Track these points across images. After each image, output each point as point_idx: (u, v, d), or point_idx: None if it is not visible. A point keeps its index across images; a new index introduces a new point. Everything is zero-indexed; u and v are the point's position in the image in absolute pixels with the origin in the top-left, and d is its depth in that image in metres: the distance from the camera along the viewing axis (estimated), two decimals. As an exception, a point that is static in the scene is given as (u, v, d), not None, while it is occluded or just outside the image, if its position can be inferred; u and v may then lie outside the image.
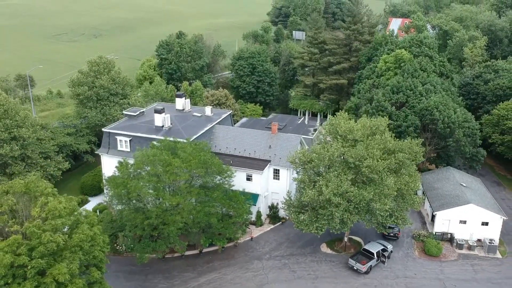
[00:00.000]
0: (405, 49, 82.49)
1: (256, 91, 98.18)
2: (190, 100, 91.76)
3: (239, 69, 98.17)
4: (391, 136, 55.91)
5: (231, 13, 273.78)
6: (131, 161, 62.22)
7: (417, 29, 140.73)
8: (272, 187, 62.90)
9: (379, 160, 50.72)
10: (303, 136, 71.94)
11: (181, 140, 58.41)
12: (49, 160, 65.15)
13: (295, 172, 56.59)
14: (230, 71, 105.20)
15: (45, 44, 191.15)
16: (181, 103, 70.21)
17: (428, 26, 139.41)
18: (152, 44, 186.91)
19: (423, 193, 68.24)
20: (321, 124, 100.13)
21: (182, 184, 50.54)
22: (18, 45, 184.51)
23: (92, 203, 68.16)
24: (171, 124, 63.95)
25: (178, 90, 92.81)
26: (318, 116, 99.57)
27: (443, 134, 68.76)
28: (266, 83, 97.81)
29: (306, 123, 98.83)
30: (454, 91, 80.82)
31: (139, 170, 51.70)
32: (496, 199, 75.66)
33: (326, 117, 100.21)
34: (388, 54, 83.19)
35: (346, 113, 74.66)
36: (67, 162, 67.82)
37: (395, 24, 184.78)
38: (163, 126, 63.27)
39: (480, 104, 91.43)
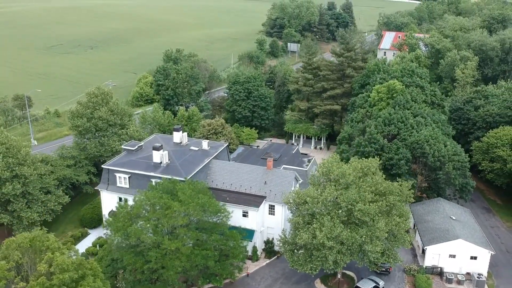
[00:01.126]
0: (397, 79, 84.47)
1: (251, 115, 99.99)
2: (187, 125, 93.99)
3: (235, 93, 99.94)
4: (382, 175, 57.99)
5: (226, 23, 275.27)
6: (130, 198, 64.26)
7: (410, 47, 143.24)
8: (267, 222, 64.74)
9: (370, 203, 52.68)
10: (297, 167, 74.09)
11: (179, 178, 60.29)
12: (49, 195, 66.63)
13: (289, 211, 58.36)
14: (226, 87, 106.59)
15: (41, 56, 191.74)
16: (179, 136, 71.90)
17: (421, 44, 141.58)
18: (147, 57, 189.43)
19: (414, 225, 70.32)
20: (316, 147, 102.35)
21: (180, 227, 52.25)
22: (14, 57, 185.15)
23: (92, 235, 69.80)
24: (169, 160, 65.62)
25: (175, 115, 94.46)
26: (313, 139, 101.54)
27: (433, 167, 70.83)
28: (261, 108, 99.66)
29: (301, 146, 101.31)
30: (445, 120, 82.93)
31: (138, 213, 53.35)
32: (486, 227, 78.13)
33: (321, 140, 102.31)
34: (381, 83, 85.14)
35: (339, 146, 76.85)
36: (67, 196, 69.32)
37: (388, 38, 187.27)
38: (161, 163, 64.95)
39: (470, 129, 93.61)
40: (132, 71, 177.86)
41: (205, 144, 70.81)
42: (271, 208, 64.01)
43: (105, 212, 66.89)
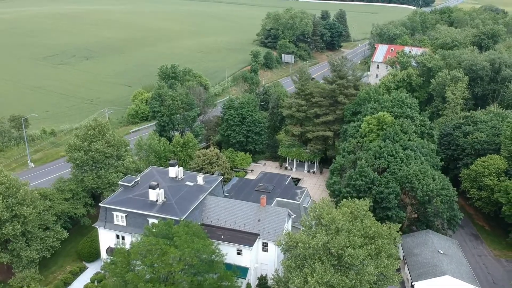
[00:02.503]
0: (388, 109, 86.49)
1: (246, 140, 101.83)
2: (182, 151, 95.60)
3: (229, 118, 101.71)
4: (371, 216, 59.96)
5: (221, 31, 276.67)
6: (127, 236, 66.08)
7: (402, 65, 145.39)
8: (261, 258, 66.65)
9: (360, 248, 54.63)
10: (290, 200, 76.06)
11: (175, 218, 62.13)
12: (48, 232, 68.25)
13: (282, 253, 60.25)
14: (222, 108, 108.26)
15: (36, 67, 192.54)
16: (174, 171, 73.64)
17: (413, 61, 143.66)
18: (142, 69, 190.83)
19: (403, 258, 72.46)
20: (309, 171, 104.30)
21: (176, 273, 54.03)
22: (8, 68, 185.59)
23: (90, 269, 71.53)
24: (165, 197, 67.37)
25: (170, 142, 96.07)
26: (306, 163, 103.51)
27: (422, 201, 72.97)
28: (255, 133, 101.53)
29: (295, 170, 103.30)
30: (434, 150, 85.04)
31: (135, 259, 55.06)
32: (473, 255, 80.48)
33: (314, 164, 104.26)
34: (372, 113, 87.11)
35: (331, 177, 78.75)
36: (66, 231, 70.93)
37: (381, 51, 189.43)
38: (157, 201, 66.68)
39: (460, 155, 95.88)
40: (127, 84, 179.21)
41: (200, 179, 72.55)
42: (265, 245, 65.91)
43: (103, 248, 68.57)
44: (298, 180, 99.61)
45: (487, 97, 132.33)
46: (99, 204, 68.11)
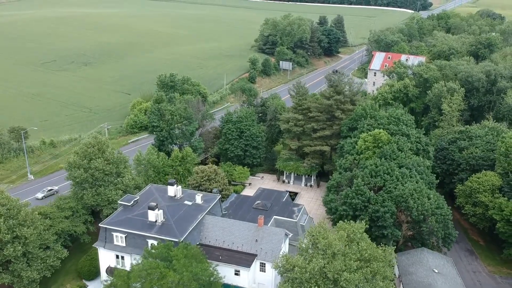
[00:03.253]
0: (384, 126, 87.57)
1: (243, 154, 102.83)
2: (181, 165, 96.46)
3: (227, 132, 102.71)
4: (367, 238, 61.05)
5: (219, 36, 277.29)
6: (126, 256, 67.06)
7: (398, 76, 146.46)
8: (259, 279, 67.64)
9: (356, 272, 55.74)
10: (288, 218, 77.08)
11: (174, 240, 63.17)
12: (48, 251, 69.17)
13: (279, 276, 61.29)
14: (221, 121, 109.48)
15: (34, 73, 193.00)
16: (173, 190, 74.59)
17: (409, 72, 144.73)
18: (140, 75, 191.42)
19: (399, 276, 73.56)
20: (306, 184, 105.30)
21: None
22: (6, 74, 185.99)
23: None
24: (164, 218, 68.31)
25: (169, 156, 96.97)
26: (303, 177, 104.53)
27: (417, 220, 74.09)
28: (253, 147, 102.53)
29: (292, 183, 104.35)
30: (430, 166, 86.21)
31: (136, 282, 56.10)
32: (468, 271, 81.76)
33: (311, 178, 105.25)
34: (368, 130, 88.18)
35: (328, 194, 79.83)
36: (66, 250, 71.86)
37: (378, 58, 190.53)
38: (156, 221, 67.63)
39: (455, 170, 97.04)
40: (126, 91, 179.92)
41: (198, 198, 73.51)
42: (262, 265, 66.92)
43: (103, 268, 69.50)
44: (296, 194, 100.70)
45: (483, 108, 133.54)
46: (99, 225, 68.96)
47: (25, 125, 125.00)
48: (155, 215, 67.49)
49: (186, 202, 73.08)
